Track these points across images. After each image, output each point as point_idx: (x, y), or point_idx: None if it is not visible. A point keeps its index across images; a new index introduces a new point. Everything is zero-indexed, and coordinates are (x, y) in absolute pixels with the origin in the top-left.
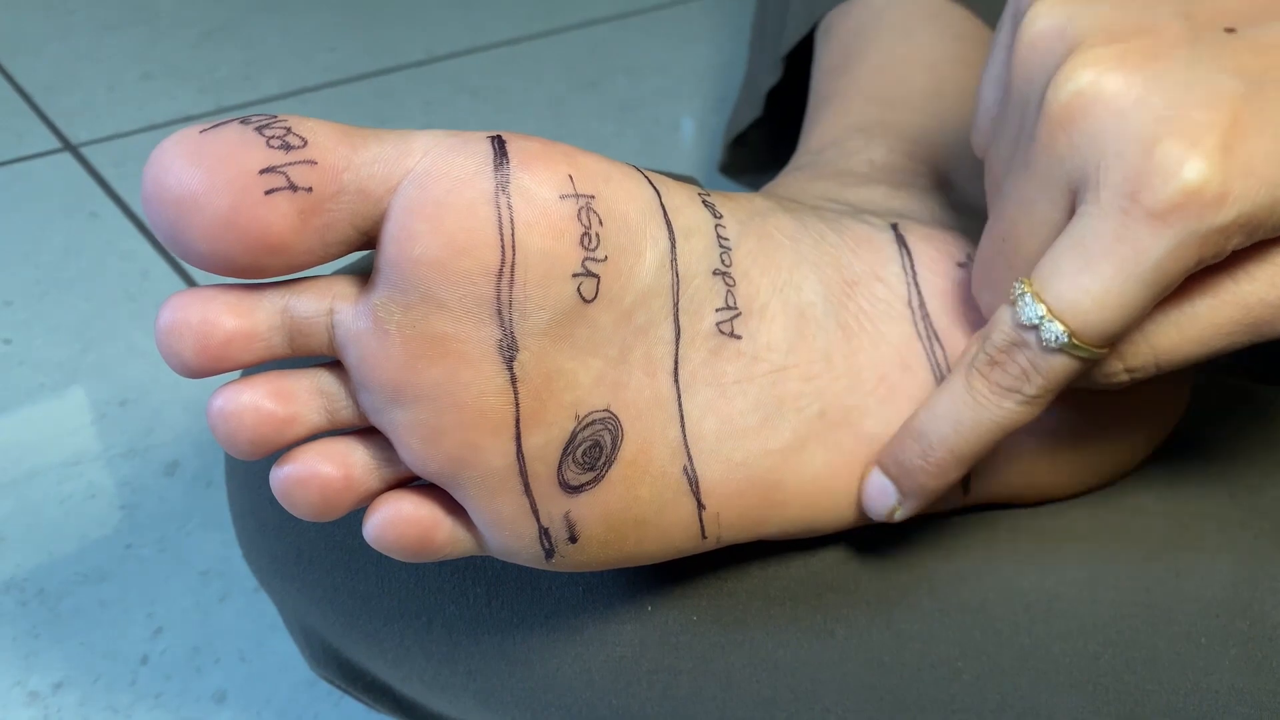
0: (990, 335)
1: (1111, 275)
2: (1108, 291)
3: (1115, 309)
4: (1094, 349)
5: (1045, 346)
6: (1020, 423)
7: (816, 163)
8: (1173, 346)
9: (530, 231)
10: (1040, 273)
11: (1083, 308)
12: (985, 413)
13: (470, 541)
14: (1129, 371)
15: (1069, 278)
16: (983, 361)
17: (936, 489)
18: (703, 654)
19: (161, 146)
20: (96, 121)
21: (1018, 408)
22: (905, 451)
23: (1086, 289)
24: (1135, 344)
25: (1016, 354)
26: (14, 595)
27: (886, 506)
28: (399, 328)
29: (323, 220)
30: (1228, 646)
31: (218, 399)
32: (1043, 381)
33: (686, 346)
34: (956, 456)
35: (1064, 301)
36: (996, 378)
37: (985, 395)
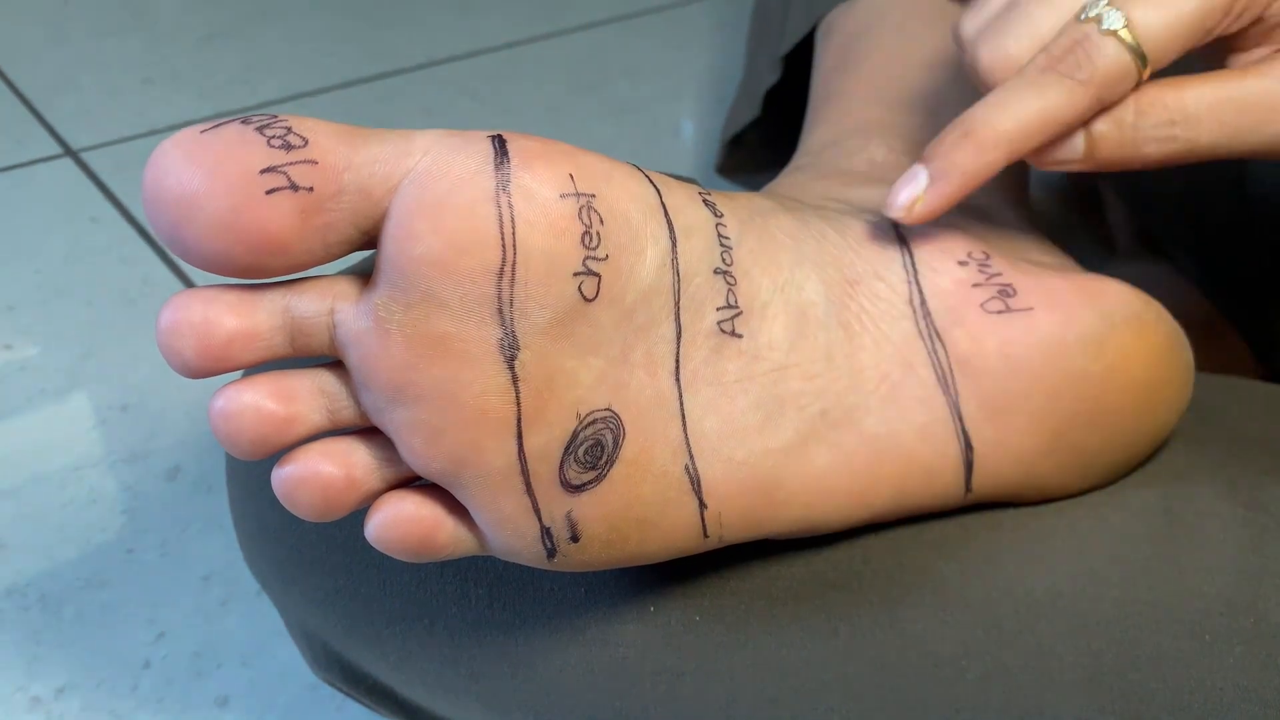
0: (1056, 38)
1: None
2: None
3: (1169, 10)
4: (1145, 49)
5: (1102, 30)
6: (1065, 111)
7: (817, 162)
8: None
9: (531, 230)
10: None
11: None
12: (1035, 93)
13: (472, 541)
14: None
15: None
16: (1043, 56)
17: (970, 170)
18: (706, 654)
19: (162, 147)
20: (97, 126)
21: (1066, 91)
22: (947, 132)
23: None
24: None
25: (1075, 46)
26: (16, 600)
27: (911, 194)
28: (400, 327)
29: (324, 220)
30: (1232, 644)
31: (218, 399)
32: (1093, 68)
33: (688, 345)
34: (997, 134)
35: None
36: (1051, 63)
37: (1037, 78)
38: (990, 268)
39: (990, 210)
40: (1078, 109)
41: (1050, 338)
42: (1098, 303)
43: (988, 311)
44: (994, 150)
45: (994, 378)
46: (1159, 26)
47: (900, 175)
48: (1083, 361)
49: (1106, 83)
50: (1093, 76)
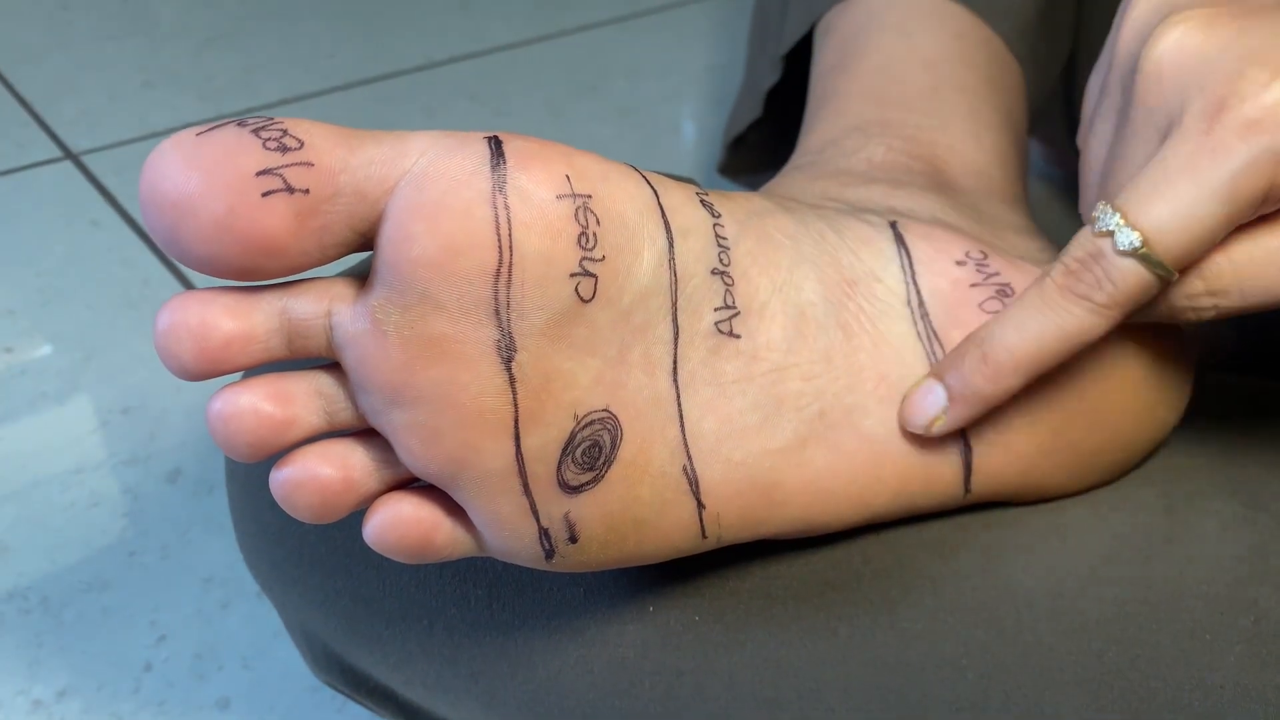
0: (1069, 249)
1: (1186, 187)
2: (1182, 200)
3: (1188, 219)
4: (1166, 261)
5: (1119, 251)
6: (1085, 335)
7: (816, 162)
8: (1255, 271)
9: (527, 232)
10: (1123, 192)
11: (1157, 215)
12: (1052, 317)
13: (470, 542)
14: (1211, 295)
15: (1147, 190)
16: (1058, 271)
17: (988, 395)
18: (705, 654)
19: (158, 149)
20: (97, 130)
21: (1086, 315)
22: (964, 356)
23: (1163, 198)
24: (1218, 265)
25: (1091, 263)
26: (17, 603)
27: (929, 414)
28: (397, 329)
29: (320, 222)
30: (1232, 643)
31: (216, 402)
32: (1113, 289)
33: (685, 346)
34: (1015, 360)
35: (1140, 210)
36: (1069, 284)
37: (1055, 299)
38: (988, 267)
39: (989, 209)
40: (1100, 330)
41: None
42: None
43: (986, 311)
44: (1012, 377)
45: None
46: (1180, 238)
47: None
48: (1081, 361)
49: (1130, 302)
50: (1114, 299)
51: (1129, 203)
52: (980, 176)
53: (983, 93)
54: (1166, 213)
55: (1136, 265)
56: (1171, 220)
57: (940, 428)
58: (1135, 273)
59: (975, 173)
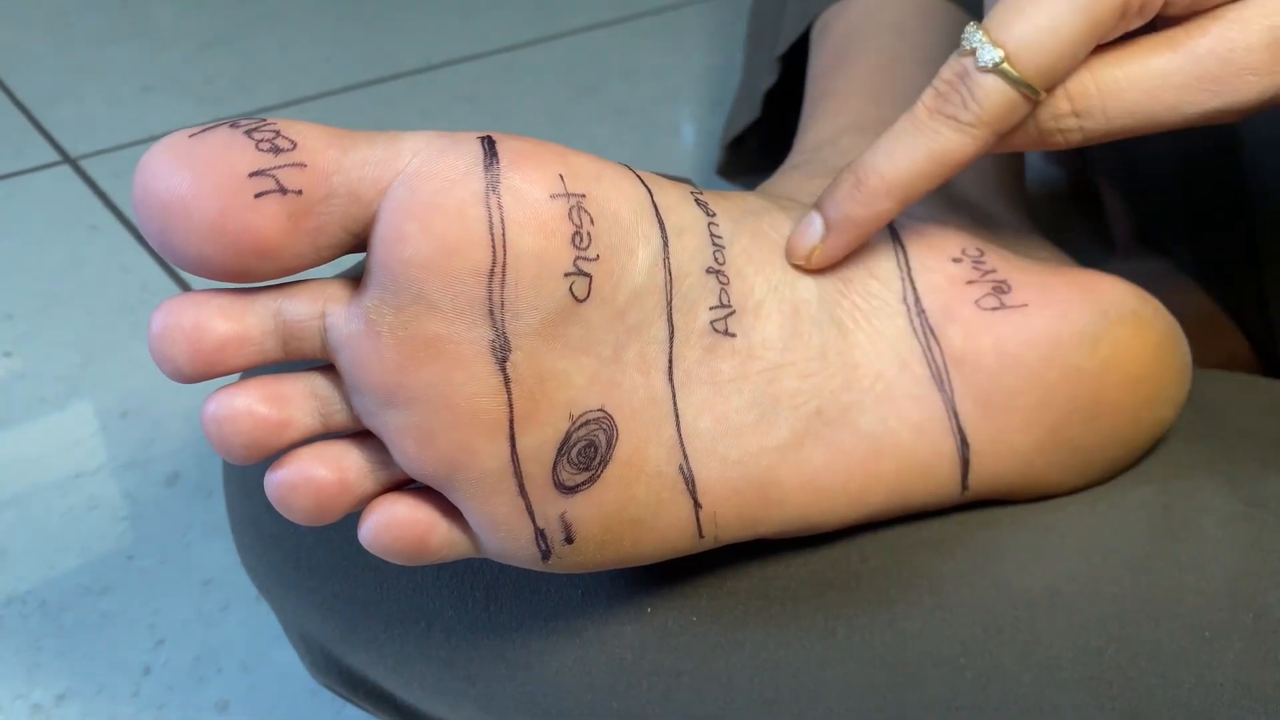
0: (939, 73)
1: (1045, 3)
2: (1040, 16)
3: (1048, 32)
4: (1027, 77)
5: (980, 68)
6: (954, 155)
7: (812, 161)
8: (1118, 91)
9: (521, 231)
10: (989, 12)
11: (1018, 31)
12: (921, 139)
13: (466, 544)
14: (1077, 116)
15: (1011, 8)
16: (928, 94)
17: (862, 219)
18: (703, 655)
19: (151, 151)
20: (95, 134)
21: (953, 135)
22: (839, 184)
23: (1023, 15)
24: (1082, 85)
25: (957, 83)
26: (16, 608)
27: (808, 243)
28: (391, 330)
29: (313, 223)
30: (1232, 640)
31: (211, 404)
32: (978, 107)
33: (680, 345)
34: (886, 183)
35: (1002, 28)
36: (937, 105)
37: (924, 121)
38: (985, 264)
39: (985, 206)
40: (970, 151)
41: (1046, 334)
42: (1093, 298)
43: (982, 308)
44: (886, 200)
45: (989, 374)
46: (1040, 52)
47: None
48: (1078, 357)
49: (995, 120)
50: (980, 117)
51: (992, 21)
52: (976, 172)
53: None
54: (1027, 28)
55: (999, 81)
56: (1032, 35)
57: (818, 257)
58: (998, 89)
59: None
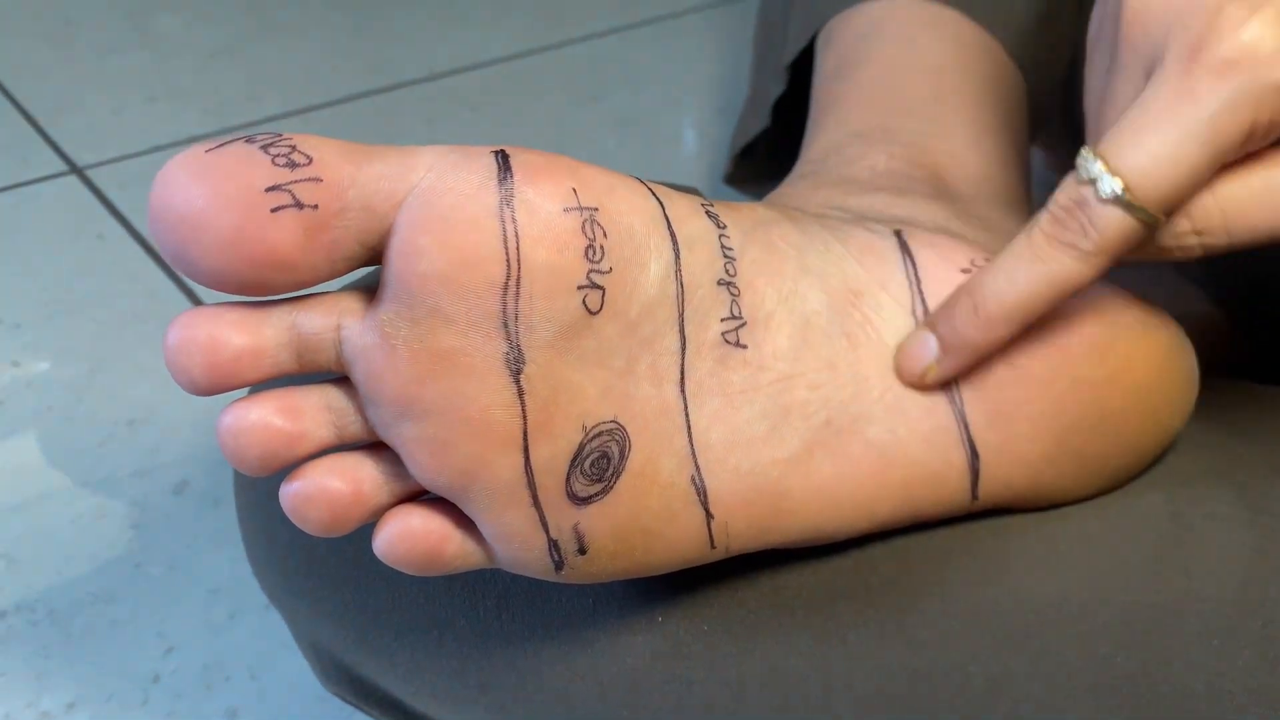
0: (1055, 197)
1: (1167, 130)
2: (1162, 144)
3: (1169, 162)
4: (1149, 207)
5: (1101, 198)
6: (1073, 283)
7: (819, 171)
8: (1241, 209)
9: (535, 245)
10: (1105, 137)
11: (1137, 161)
12: (1040, 266)
13: (480, 554)
14: (1198, 235)
15: (1128, 135)
16: (1046, 220)
17: (980, 345)
18: (715, 663)
19: (167, 166)
20: (102, 144)
21: (1073, 263)
22: (956, 307)
23: (1143, 144)
24: (1204, 205)
25: (1076, 211)
26: (25, 616)
27: (923, 363)
28: (406, 342)
29: (329, 237)
30: (1240, 647)
31: (226, 416)
32: (1098, 236)
33: (692, 356)
34: (1006, 310)
35: (1121, 156)
36: (1056, 233)
37: (1043, 249)
38: None
39: (992, 218)
40: (1090, 278)
41: (1053, 344)
42: (1100, 309)
43: None
44: (1004, 327)
45: (998, 385)
46: (1162, 182)
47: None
48: (1086, 367)
49: (1116, 248)
50: (1100, 246)
51: (1110, 149)
52: (983, 183)
53: (984, 100)
54: (1147, 159)
55: (1120, 212)
56: (1152, 166)
57: (933, 377)
58: (1119, 219)
59: (978, 180)
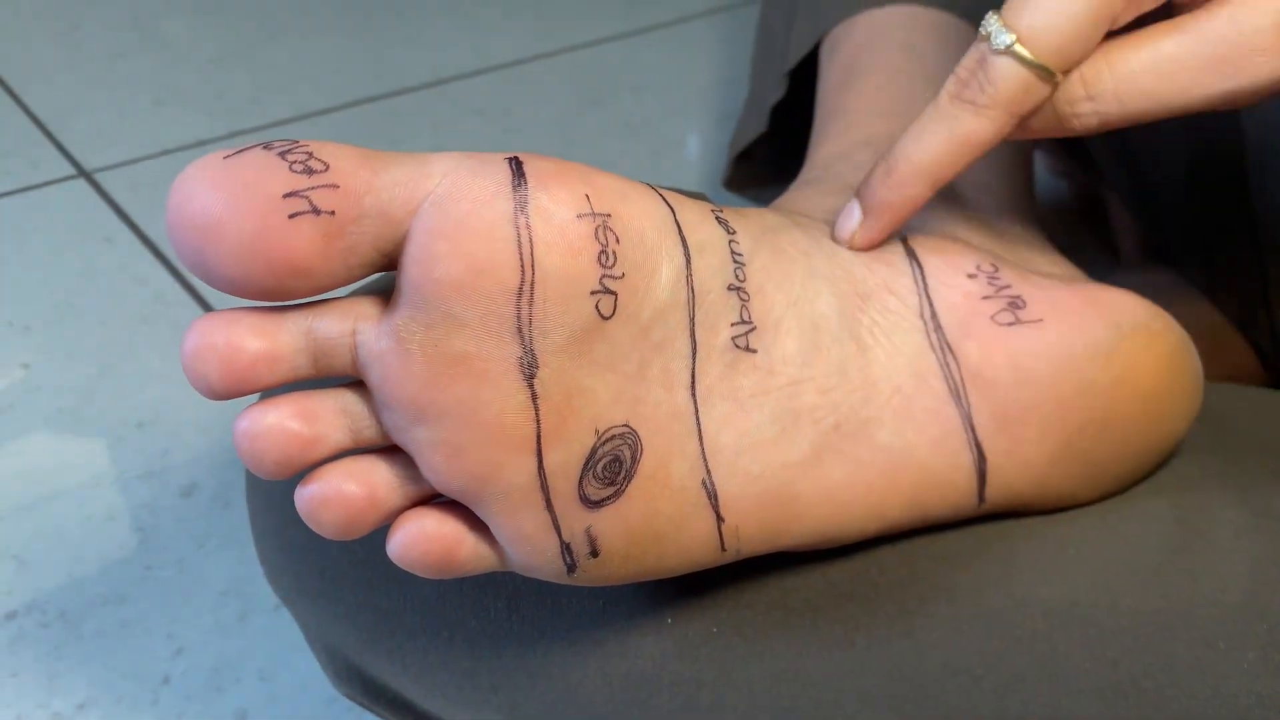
0: (963, 60)
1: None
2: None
3: (1057, 14)
4: (1040, 58)
5: (994, 51)
6: (975, 138)
7: (825, 177)
8: (1132, 75)
9: (549, 251)
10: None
11: (1030, 16)
12: (943, 124)
13: (492, 557)
14: (1091, 101)
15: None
16: (951, 82)
17: (896, 204)
18: (724, 665)
19: (185, 173)
20: (109, 148)
21: (972, 119)
22: (871, 173)
23: (1037, 2)
24: (1097, 69)
25: (977, 69)
26: (36, 617)
27: (849, 228)
28: (421, 347)
29: (345, 243)
30: (1246, 650)
31: (243, 420)
32: (994, 90)
33: (703, 361)
34: (916, 169)
35: (1017, 14)
36: (958, 91)
37: (946, 109)
38: (999, 280)
39: (998, 222)
40: (990, 133)
41: (1060, 348)
42: (1106, 313)
43: (998, 323)
44: (914, 184)
45: (1005, 388)
46: (1051, 33)
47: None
48: (1092, 371)
49: (1013, 102)
50: (995, 99)
51: (1008, 9)
52: (987, 189)
53: None
54: (1039, 12)
55: (1012, 63)
56: (1042, 17)
57: (859, 239)
58: (1013, 71)
59: (982, 186)
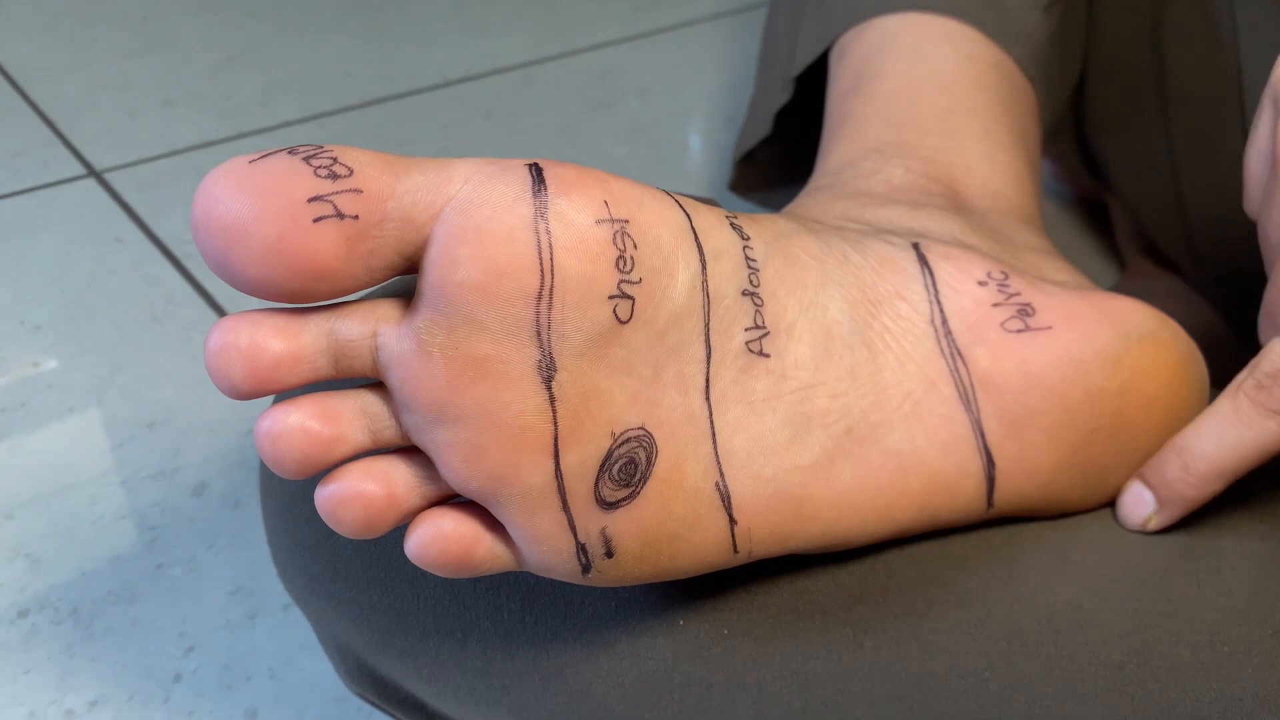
0: (1260, 362)
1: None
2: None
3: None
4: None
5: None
6: (1276, 446)
7: (835, 184)
8: None
9: (568, 255)
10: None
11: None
12: (1248, 431)
13: (509, 557)
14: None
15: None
16: (1250, 385)
17: (1194, 499)
18: (734, 667)
19: (210, 176)
20: (120, 147)
21: (1277, 429)
22: (1167, 465)
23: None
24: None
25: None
26: (48, 614)
27: (1142, 515)
28: (441, 349)
29: (368, 246)
30: (1250, 655)
31: (265, 420)
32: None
33: (717, 365)
34: (1217, 470)
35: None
36: (1262, 399)
37: (1249, 414)
38: (1009, 287)
39: (1007, 231)
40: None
41: (1069, 355)
42: (1115, 321)
43: (1008, 330)
44: (1215, 483)
45: (1014, 395)
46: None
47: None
48: (1100, 378)
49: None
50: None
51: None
52: (996, 197)
53: (997, 114)
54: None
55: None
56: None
57: (1154, 526)
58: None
59: (992, 193)
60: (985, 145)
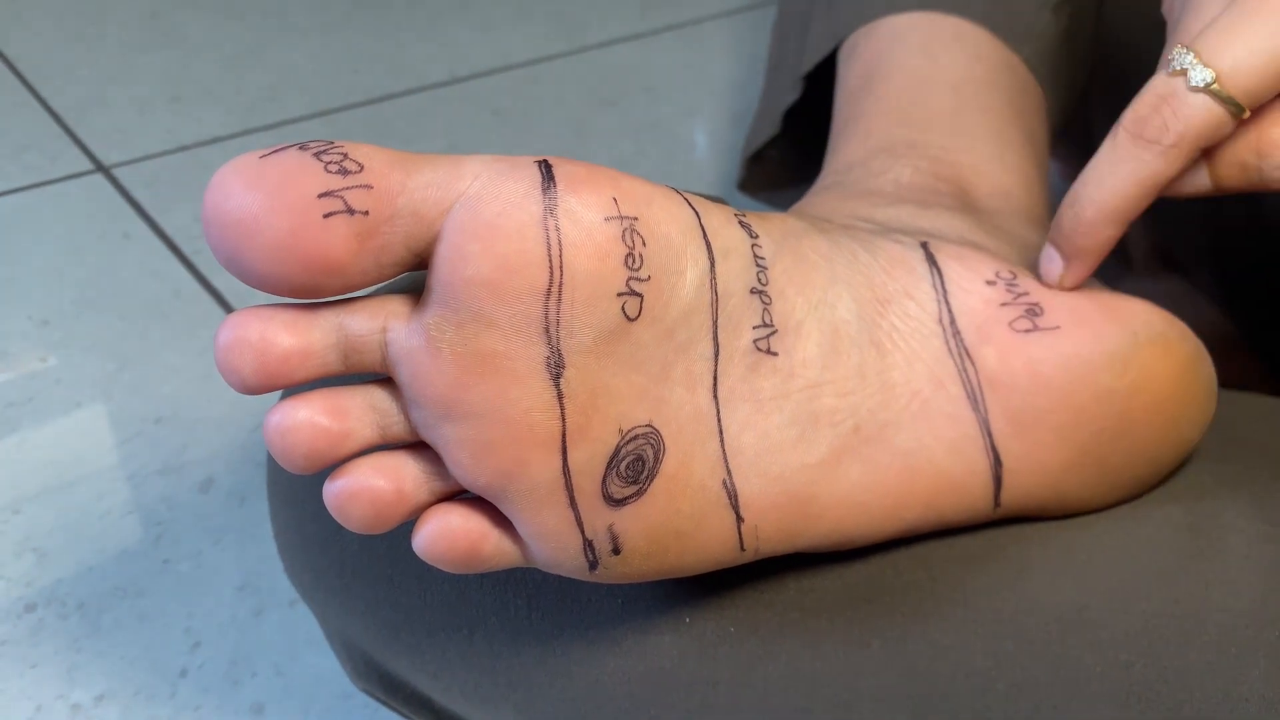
0: (1140, 95)
1: (1259, 27)
2: (1255, 38)
3: (1260, 53)
4: (1236, 97)
5: (1190, 87)
6: (1157, 178)
7: (844, 183)
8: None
9: (577, 252)
10: (1198, 36)
11: (1231, 52)
12: (1124, 165)
13: (516, 553)
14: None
15: (1221, 33)
16: (1128, 119)
17: (1090, 248)
18: (740, 665)
19: (222, 171)
20: (127, 143)
21: (1154, 159)
22: (1063, 218)
23: (1236, 39)
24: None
25: (1161, 105)
26: (55, 609)
27: (1055, 274)
28: (450, 345)
29: (378, 242)
30: (1257, 657)
31: (275, 415)
32: (1180, 128)
33: (725, 363)
34: (1102, 212)
35: (1214, 50)
36: (1137, 129)
37: (1126, 149)
38: (1017, 287)
39: (1016, 230)
40: (1174, 170)
41: (1077, 355)
42: (1123, 322)
43: (1016, 330)
44: (1105, 228)
45: (1022, 394)
46: (1249, 73)
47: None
48: (1108, 379)
49: (1200, 140)
50: (1183, 138)
51: (1203, 44)
52: (1005, 197)
53: (1006, 115)
54: (1241, 49)
55: (1207, 100)
56: (1245, 56)
57: (1068, 282)
58: (1205, 109)
59: (1000, 193)
60: (994, 145)
